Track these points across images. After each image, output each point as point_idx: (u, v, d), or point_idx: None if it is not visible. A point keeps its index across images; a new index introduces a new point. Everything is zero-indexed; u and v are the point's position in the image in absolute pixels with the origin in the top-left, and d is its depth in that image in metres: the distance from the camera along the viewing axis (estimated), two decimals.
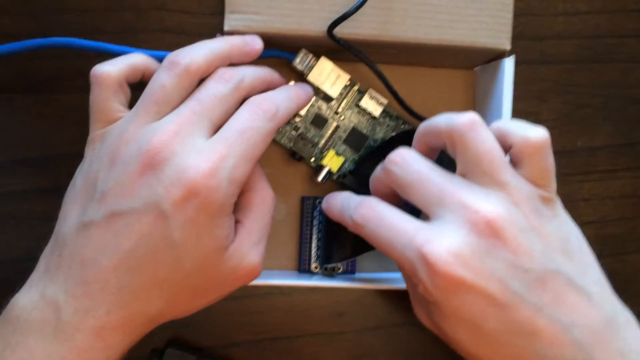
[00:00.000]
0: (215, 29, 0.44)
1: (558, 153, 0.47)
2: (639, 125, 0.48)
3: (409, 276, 0.34)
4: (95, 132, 0.35)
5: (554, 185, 0.34)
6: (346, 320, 0.46)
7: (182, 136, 0.33)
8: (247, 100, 0.36)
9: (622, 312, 0.33)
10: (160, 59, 0.37)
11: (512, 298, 0.30)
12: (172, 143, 0.32)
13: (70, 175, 0.44)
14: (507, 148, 0.33)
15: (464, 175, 0.33)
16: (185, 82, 0.35)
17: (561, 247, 0.32)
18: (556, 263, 0.31)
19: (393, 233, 0.32)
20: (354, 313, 0.46)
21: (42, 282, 0.33)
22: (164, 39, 0.44)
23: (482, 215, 0.30)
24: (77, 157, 0.43)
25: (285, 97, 0.37)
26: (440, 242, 0.30)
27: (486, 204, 0.31)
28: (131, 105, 0.36)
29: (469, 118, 0.32)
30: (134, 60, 0.37)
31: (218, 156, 0.32)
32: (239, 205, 0.36)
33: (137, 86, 0.37)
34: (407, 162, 0.34)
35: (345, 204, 0.36)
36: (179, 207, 0.31)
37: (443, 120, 0.34)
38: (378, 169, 0.37)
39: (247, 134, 0.34)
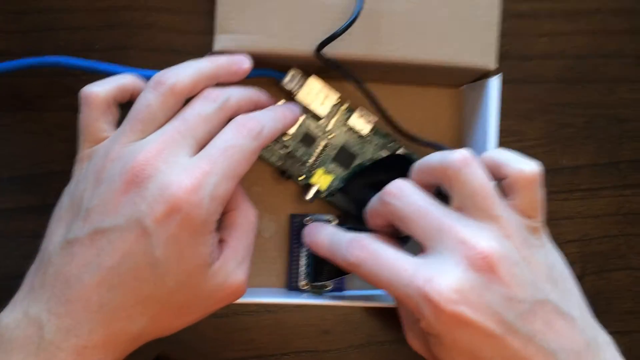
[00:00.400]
0: (205, 48, 0.45)
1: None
2: (621, 144, 0.49)
3: (410, 311, 0.34)
4: (83, 152, 0.36)
5: (541, 215, 0.35)
6: (333, 338, 0.47)
7: (165, 154, 0.33)
8: (233, 120, 0.36)
9: (600, 334, 0.35)
10: (149, 79, 0.38)
11: (506, 329, 0.32)
12: (156, 160, 0.32)
13: (58, 192, 0.44)
14: (500, 177, 0.35)
15: (459, 209, 0.34)
16: (170, 102, 0.35)
17: (548, 275, 0.34)
18: (545, 292, 0.33)
19: (391, 272, 0.33)
20: (340, 331, 0.47)
21: (26, 300, 0.33)
22: (154, 57, 0.45)
23: (479, 251, 0.32)
24: (65, 174, 0.43)
25: (271, 117, 0.38)
26: (442, 280, 0.31)
27: (482, 239, 0.32)
28: (120, 124, 0.36)
29: (462, 155, 0.34)
30: (123, 81, 0.37)
31: (201, 172, 0.33)
32: (222, 224, 0.37)
33: (126, 105, 0.37)
34: (405, 194, 0.35)
35: (335, 243, 0.37)
36: (161, 223, 0.32)
37: (437, 158, 0.35)
38: (374, 200, 0.38)
39: (230, 152, 0.34)
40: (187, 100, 0.36)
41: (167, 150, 0.33)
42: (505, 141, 0.42)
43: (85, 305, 0.32)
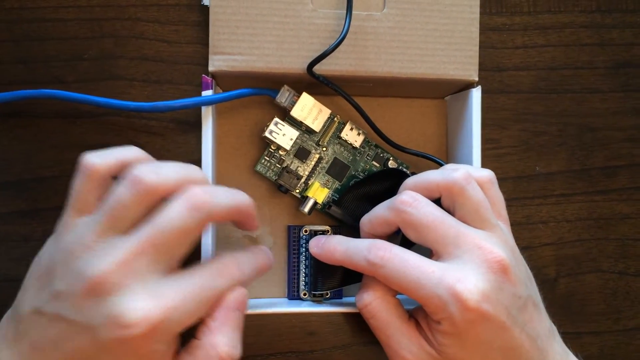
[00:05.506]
0: (192, 58, 0.46)
1: (518, 178, 0.50)
2: (593, 151, 0.51)
3: (432, 313, 0.36)
4: (68, 218, 0.34)
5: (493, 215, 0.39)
6: (317, 339, 0.48)
7: (134, 267, 0.31)
8: (217, 259, 0.35)
9: (549, 319, 0.39)
10: (146, 111, 0.39)
11: (512, 321, 0.35)
12: (123, 274, 0.31)
13: (48, 197, 0.45)
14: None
15: (463, 221, 0.37)
16: (146, 201, 0.33)
17: (526, 273, 0.38)
18: (528, 288, 0.37)
19: (419, 273, 0.35)
20: (324, 332, 0.48)
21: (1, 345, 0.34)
22: (142, 66, 0.46)
23: (495, 255, 0.35)
24: (55, 180, 0.44)
25: (252, 265, 0.37)
26: (469, 281, 0.34)
27: (494, 246, 0.36)
28: None
29: (465, 174, 0.37)
30: (126, 154, 0.35)
31: (168, 306, 0.31)
32: (185, 349, 0.35)
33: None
34: (421, 203, 0.37)
35: (352, 247, 0.38)
36: (112, 344, 0.31)
37: (439, 176, 0.38)
38: (381, 209, 0.39)
39: (205, 294, 0.33)
40: None
41: (138, 263, 0.31)
42: (482, 149, 0.44)
43: None
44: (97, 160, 0.34)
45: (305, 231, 0.45)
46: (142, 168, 0.33)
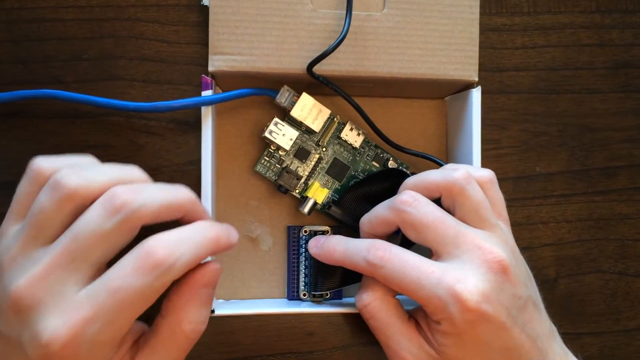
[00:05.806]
0: (191, 58, 0.46)
1: (518, 178, 0.50)
2: (593, 152, 0.51)
3: (432, 313, 0.36)
4: (6, 223, 0.33)
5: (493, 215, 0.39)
6: (317, 340, 0.48)
7: (51, 281, 0.29)
8: (139, 245, 0.30)
9: (550, 320, 0.39)
10: (138, 111, 0.40)
11: (512, 321, 0.35)
12: (38, 290, 0.29)
13: None
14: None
15: (463, 221, 0.37)
16: (67, 208, 0.30)
17: (526, 274, 0.38)
18: (528, 289, 0.37)
19: (419, 273, 0.35)
20: (324, 333, 0.48)
21: None
22: (142, 66, 0.46)
23: (495, 256, 0.35)
24: None
25: (193, 243, 0.32)
26: (469, 282, 0.34)
27: (494, 246, 0.36)
28: None
29: (465, 173, 0.37)
30: (77, 160, 0.34)
31: (81, 319, 0.29)
32: (150, 328, 0.34)
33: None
34: (421, 203, 0.37)
35: (351, 247, 0.38)
36: None
37: (439, 176, 0.38)
38: (381, 209, 0.39)
39: (123, 294, 0.29)
40: None
41: (53, 277, 0.29)
42: (482, 149, 0.44)
43: None
44: (44, 163, 0.32)
45: (305, 231, 0.45)
46: (65, 171, 0.30)
